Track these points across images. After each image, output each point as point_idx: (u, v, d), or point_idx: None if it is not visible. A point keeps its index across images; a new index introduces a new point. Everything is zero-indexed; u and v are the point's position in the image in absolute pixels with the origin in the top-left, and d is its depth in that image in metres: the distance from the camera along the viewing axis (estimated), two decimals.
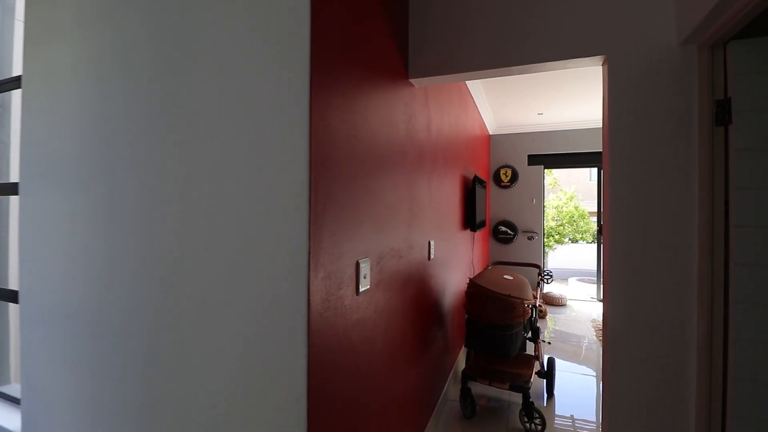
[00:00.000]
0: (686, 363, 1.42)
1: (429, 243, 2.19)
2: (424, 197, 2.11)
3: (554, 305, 5.17)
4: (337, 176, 1.12)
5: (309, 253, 0.97)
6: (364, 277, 1.28)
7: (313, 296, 0.99)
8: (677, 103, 1.44)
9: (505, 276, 2.44)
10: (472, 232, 3.78)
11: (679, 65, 1.44)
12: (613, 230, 1.52)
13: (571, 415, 2.51)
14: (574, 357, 3.51)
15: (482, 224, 4.22)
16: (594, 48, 1.56)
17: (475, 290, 2.26)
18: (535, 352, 2.64)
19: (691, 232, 1.42)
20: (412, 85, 1.90)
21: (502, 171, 5.69)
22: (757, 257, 1.27)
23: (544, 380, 2.74)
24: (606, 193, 1.57)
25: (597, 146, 5.26)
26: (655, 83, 1.47)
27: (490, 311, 2.20)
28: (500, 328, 2.20)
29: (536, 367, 2.70)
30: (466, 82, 3.68)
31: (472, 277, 2.38)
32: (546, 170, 5.89)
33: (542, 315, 4.59)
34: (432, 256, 2.24)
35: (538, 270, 3.03)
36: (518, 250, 5.61)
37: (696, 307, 1.41)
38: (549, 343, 3.74)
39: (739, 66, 1.31)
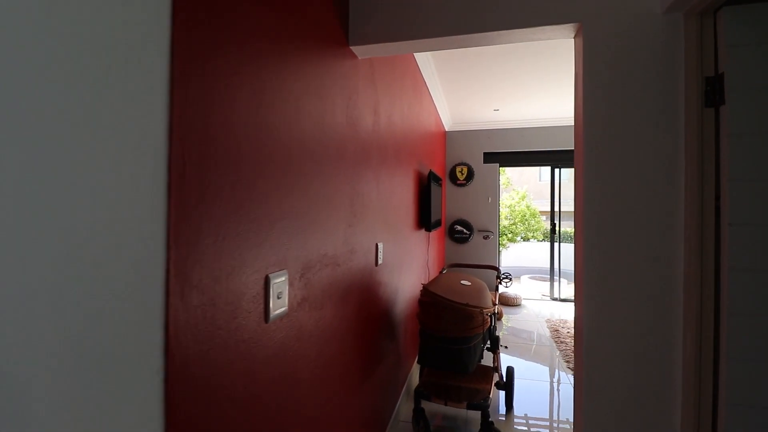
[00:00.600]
0: (671, 382, 1.21)
1: (377, 246, 1.87)
2: (371, 193, 1.79)
3: (509, 305, 5.08)
4: (227, 168, 0.76)
5: (167, 269, 0.61)
6: (278, 297, 0.93)
7: (178, 336, 0.62)
8: (660, 80, 1.23)
9: (463, 281, 2.19)
10: (427, 233, 3.53)
11: (663, 36, 1.23)
12: (588, 229, 1.29)
13: (530, 428, 2.31)
14: (532, 360, 3.36)
15: (438, 224, 3.99)
16: (567, 14, 1.32)
17: (429, 299, 1.97)
18: (494, 362, 2.42)
19: (676, 231, 1.21)
20: (354, 55, 1.57)
21: (458, 169, 5.52)
22: (754, 261, 1.08)
23: (503, 392, 2.53)
24: (579, 186, 1.34)
25: (552, 145, 5.24)
26: (635, 57, 1.25)
27: (447, 323, 1.92)
28: (458, 341, 1.93)
29: (495, 377, 2.48)
30: (423, 74, 3.42)
31: (425, 283, 2.10)
32: (501, 169, 5.83)
33: (498, 317, 4.45)
34: (380, 261, 1.93)
35: (496, 272, 2.83)
36: (474, 249, 5.48)
37: (682, 319, 1.20)
38: (506, 347, 3.58)
39: (733, 36, 1.11)
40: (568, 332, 3.95)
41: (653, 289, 1.23)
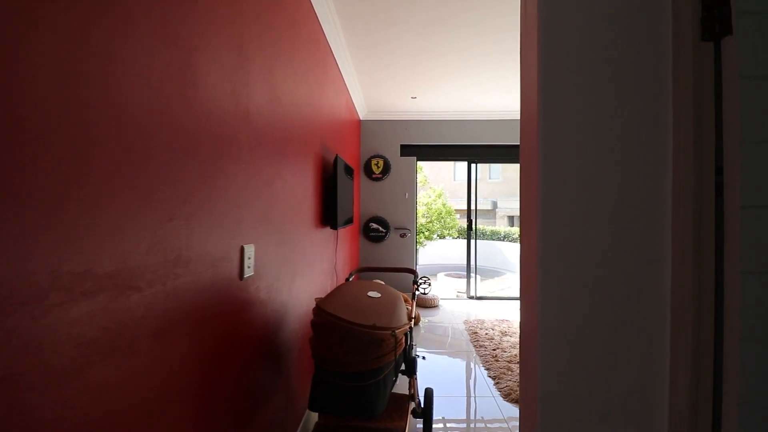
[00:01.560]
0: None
1: (242, 250, 1.26)
2: (235, 176, 1.19)
3: (426, 307, 4.79)
4: None
5: None
6: None
7: None
8: (640, 6, 0.85)
9: (371, 293, 1.68)
10: (335, 230, 2.99)
11: None
12: (544, 218, 0.86)
13: None
14: (453, 372, 3.03)
15: (349, 221, 3.47)
16: None
17: (323, 320, 1.42)
18: (409, 390, 1.97)
19: (659, 219, 0.84)
20: None
21: (374, 161, 5.08)
22: None
23: (421, 419, 2.10)
24: (532, 161, 0.91)
25: (469, 139, 5.08)
26: None
27: (347, 352, 1.40)
28: (362, 376, 1.42)
29: (411, 406, 2.03)
30: (333, 49, 2.86)
31: (320, 298, 1.55)
32: (419, 165, 5.54)
33: (415, 321, 4.10)
34: (250, 272, 1.32)
35: (413, 276, 2.40)
36: (391, 249, 5.09)
37: (669, 344, 0.83)
38: (424, 358, 3.20)
39: None
40: (486, 334, 3.74)
41: (632, 304, 0.85)
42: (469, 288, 5.30)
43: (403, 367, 1.88)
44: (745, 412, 0.73)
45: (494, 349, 3.37)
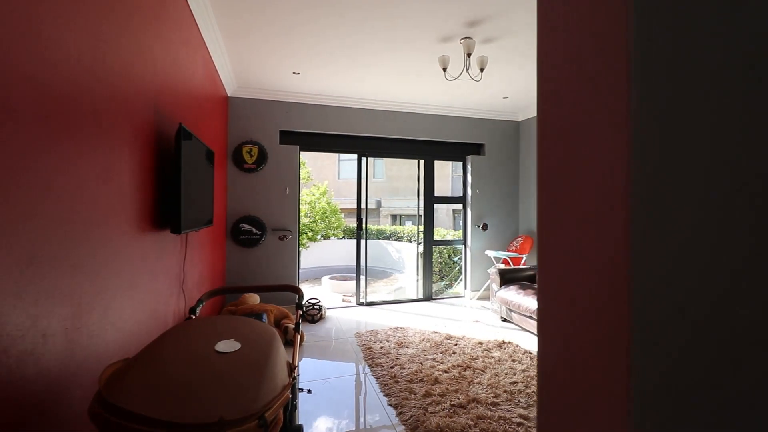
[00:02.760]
0: None
1: None
2: None
3: (311, 323, 4.13)
4: None
5: None
6: None
7: None
8: None
9: (221, 345, 0.99)
10: (179, 235, 2.12)
11: None
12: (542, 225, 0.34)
13: None
14: (343, 403, 2.46)
15: (208, 221, 2.60)
16: None
17: (109, 426, 0.69)
18: None
19: None
20: None
21: (246, 149, 4.19)
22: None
23: None
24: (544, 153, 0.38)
25: (360, 129, 4.59)
26: None
27: None
28: None
29: None
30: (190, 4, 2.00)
31: (114, 369, 0.81)
32: (302, 159, 4.83)
33: (300, 341, 3.42)
34: None
35: (297, 296, 1.74)
36: (268, 254, 4.27)
37: None
38: (309, 391, 2.56)
39: None
40: (381, 348, 3.29)
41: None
42: (359, 293, 4.83)
43: None
44: None
45: (392, 367, 2.93)
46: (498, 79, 3.82)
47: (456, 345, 3.37)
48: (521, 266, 4.39)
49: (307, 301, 4.15)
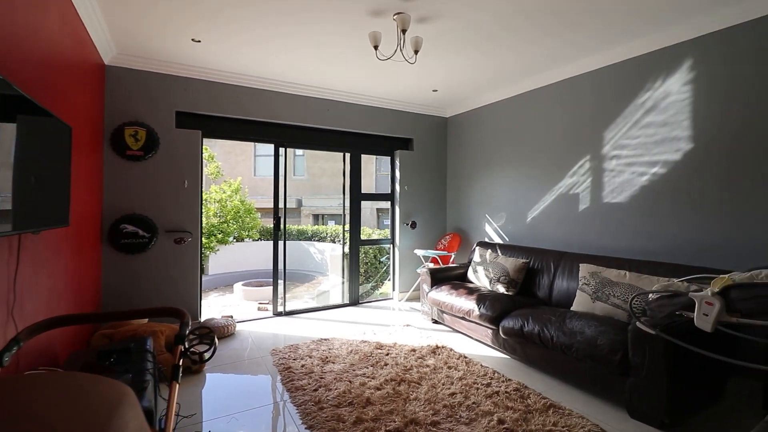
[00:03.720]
0: None
1: None
2: None
3: (218, 338, 3.48)
4: None
5: None
6: None
7: None
8: None
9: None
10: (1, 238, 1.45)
11: None
12: None
13: None
14: None
15: (59, 220, 1.89)
16: None
17: None
18: None
19: None
20: None
21: (130, 131, 3.38)
22: None
23: None
24: None
25: (277, 116, 4.02)
26: None
27: None
28: None
29: None
30: None
31: None
32: (209, 152, 4.11)
33: (198, 367, 2.79)
34: None
35: (180, 323, 1.21)
36: (159, 261, 3.50)
37: None
38: None
39: None
40: (303, 366, 2.83)
41: None
42: (276, 302, 4.26)
43: None
44: None
45: (316, 389, 2.49)
46: (430, 71, 3.60)
47: (388, 355, 3.05)
48: (451, 265, 4.25)
49: (197, 330, 2.77)
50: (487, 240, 4.41)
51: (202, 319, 3.76)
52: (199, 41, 3.06)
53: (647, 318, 2.17)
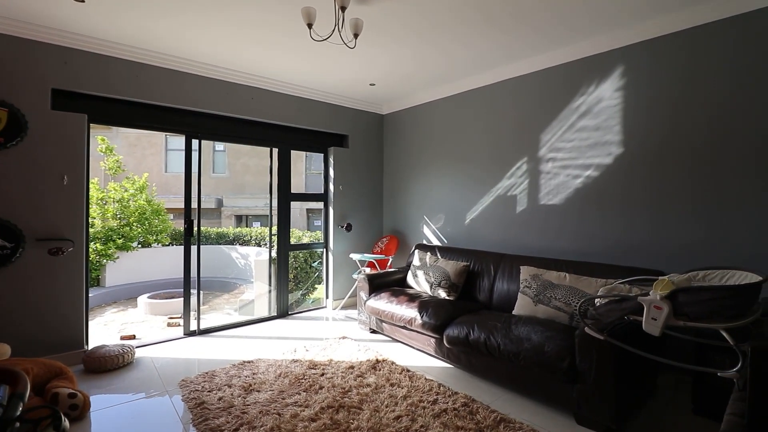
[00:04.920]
0: None
1: None
2: None
3: (108, 370, 2.82)
4: None
5: None
6: None
7: None
8: None
9: None
10: None
11: None
12: None
13: None
14: None
15: None
16: None
17: None
18: None
19: None
20: None
21: None
22: None
23: None
24: None
25: (192, 102, 3.42)
26: None
27: None
28: None
29: None
30: None
31: None
32: (102, 140, 3.33)
33: (81, 413, 2.17)
34: None
35: (9, 395, 0.77)
36: (26, 279, 2.74)
37: None
38: None
39: None
40: (220, 399, 2.36)
41: None
42: (188, 317, 3.65)
43: None
44: None
45: (236, 429, 2.07)
46: (368, 60, 3.33)
47: (323, 375, 2.71)
48: (390, 269, 4.03)
49: (35, 409, 1.12)
50: (425, 242, 4.28)
51: (90, 346, 3.04)
52: (83, 1, 2.42)
53: (592, 322, 2.14)
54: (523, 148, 3.40)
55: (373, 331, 3.61)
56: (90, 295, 3.53)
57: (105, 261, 6.47)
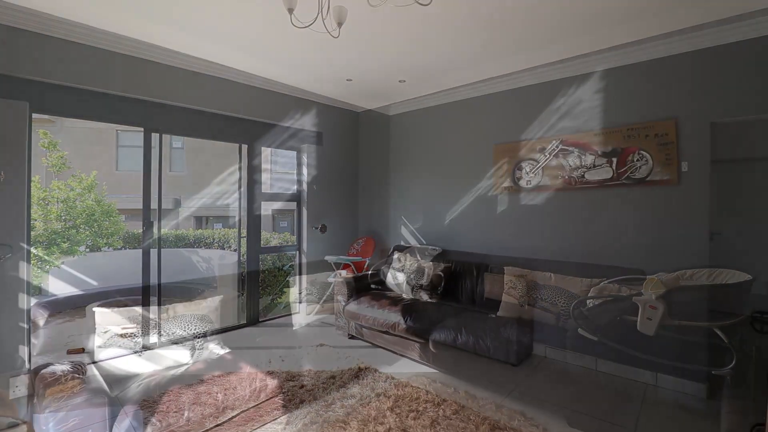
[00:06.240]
0: None
1: None
2: None
3: (54, 391, 2.47)
4: None
5: None
6: None
7: None
8: None
9: None
10: None
11: None
12: None
13: None
14: None
15: None
16: None
17: None
18: None
19: None
20: None
21: None
22: None
23: None
24: None
25: (149, 92, 3.10)
26: None
27: None
28: None
29: None
30: None
31: None
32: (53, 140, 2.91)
33: None
34: None
35: None
36: None
37: None
38: None
39: None
40: (189, 422, 2.13)
41: None
42: (147, 329, 3.32)
43: None
44: None
45: None
46: (347, 50, 3.17)
47: (302, 388, 2.54)
48: (367, 272, 3.90)
49: None
50: (404, 243, 4.18)
51: (33, 365, 2.67)
52: None
53: (585, 322, 2.13)
54: (503, 149, 3.39)
55: (352, 337, 3.46)
56: (31, 305, 3.12)
57: (48, 268, 5.84)
